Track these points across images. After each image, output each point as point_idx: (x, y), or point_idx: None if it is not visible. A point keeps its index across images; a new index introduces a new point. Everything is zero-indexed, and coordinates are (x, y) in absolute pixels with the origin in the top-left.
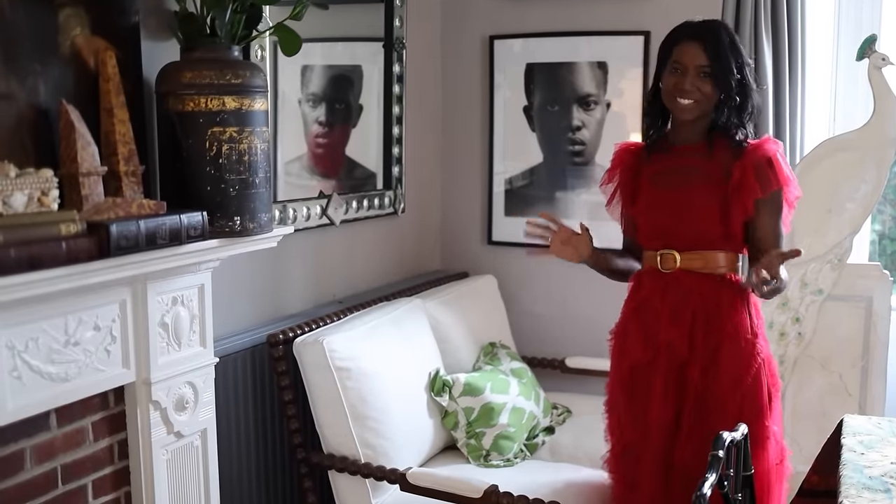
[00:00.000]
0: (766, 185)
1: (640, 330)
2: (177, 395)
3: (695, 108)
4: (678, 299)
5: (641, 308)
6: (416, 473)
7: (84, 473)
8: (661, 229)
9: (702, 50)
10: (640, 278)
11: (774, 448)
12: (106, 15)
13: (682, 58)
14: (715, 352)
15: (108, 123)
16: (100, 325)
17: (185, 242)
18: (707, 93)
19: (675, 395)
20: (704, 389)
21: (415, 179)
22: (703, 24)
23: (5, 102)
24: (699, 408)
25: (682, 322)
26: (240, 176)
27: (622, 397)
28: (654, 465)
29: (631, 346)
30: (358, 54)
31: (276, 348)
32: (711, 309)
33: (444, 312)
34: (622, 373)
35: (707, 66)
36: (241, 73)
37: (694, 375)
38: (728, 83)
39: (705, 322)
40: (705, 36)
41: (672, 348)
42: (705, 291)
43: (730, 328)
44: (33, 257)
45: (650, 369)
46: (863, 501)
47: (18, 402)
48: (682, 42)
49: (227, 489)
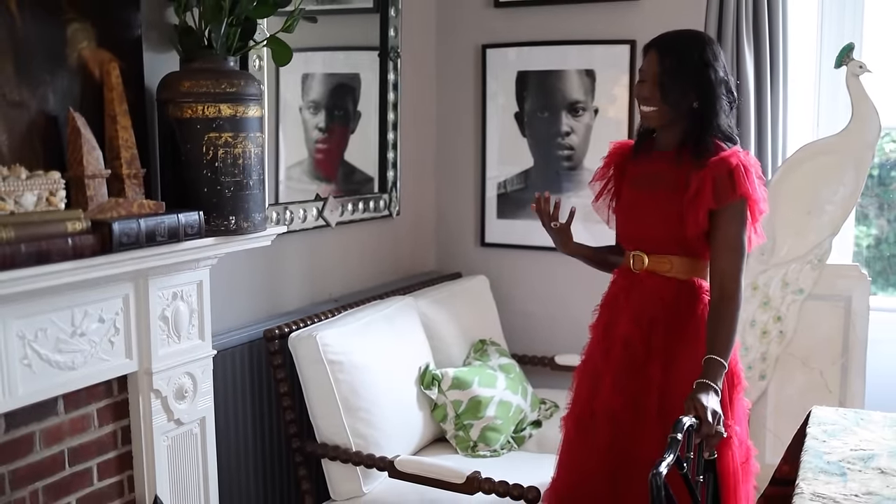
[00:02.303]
0: (722, 196)
1: (603, 321)
2: (176, 385)
3: (655, 115)
4: (641, 300)
5: (610, 302)
6: (403, 461)
7: (89, 457)
8: (631, 231)
9: (656, 57)
10: (616, 275)
11: (738, 448)
12: (111, 29)
13: (644, 65)
14: (674, 353)
15: (111, 129)
16: (104, 318)
17: (182, 240)
18: (664, 100)
19: (628, 388)
20: (666, 387)
21: (410, 183)
22: (667, 34)
23: (18, 110)
24: (662, 405)
25: (641, 322)
26: (234, 178)
27: (575, 380)
28: (598, 453)
29: (592, 337)
30: (356, 63)
31: (273, 343)
32: (672, 312)
33: (436, 310)
34: (580, 363)
35: (661, 73)
36: (235, 82)
37: (655, 373)
38: (676, 90)
39: (665, 325)
40: (663, 45)
41: (628, 344)
42: (667, 295)
43: (690, 331)
44: (42, 252)
45: (603, 360)
46: (818, 483)
47: (28, 388)
48: (646, 52)
49: (226, 476)
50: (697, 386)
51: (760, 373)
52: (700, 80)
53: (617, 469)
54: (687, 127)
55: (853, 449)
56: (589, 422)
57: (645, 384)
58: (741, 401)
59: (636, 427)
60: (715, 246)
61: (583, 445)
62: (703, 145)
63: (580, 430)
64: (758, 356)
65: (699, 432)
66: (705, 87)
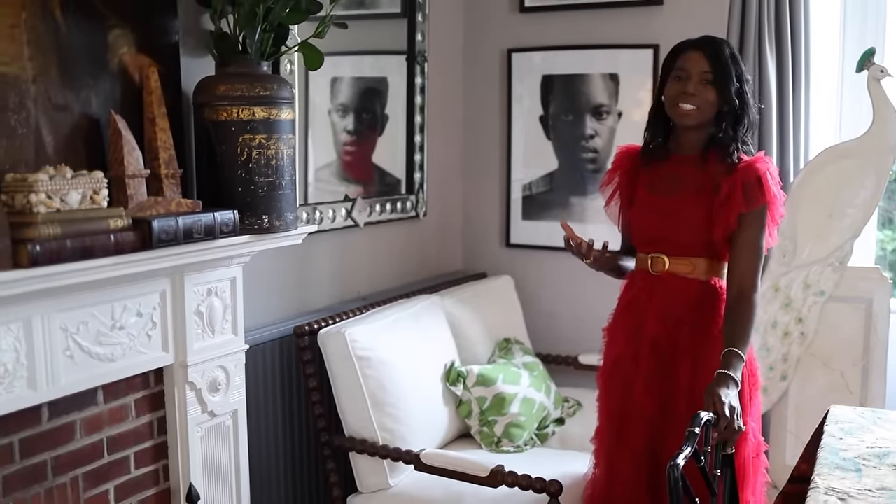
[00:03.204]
0: (752, 201)
1: (627, 325)
2: (210, 378)
3: (696, 114)
4: (665, 301)
5: (630, 305)
6: (429, 454)
7: (127, 446)
8: (653, 234)
9: (704, 57)
10: (632, 278)
11: (752, 442)
12: (150, 35)
13: (685, 64)
14: (701, 354)
15: (150, 131)
16: (142, 312)
17: (218, 237)
18: (709, 98)
19: (659, 389)
20: (695, 389)
21: (436, 184)
22: (706, 37)
23: (62, 112)
24: (690, 405)
25: (667, 322)
26: (268, 178)
27: (603, 389)
28: (633, 455)
29: (617, 340)
30: (384, 66)
31: (303, 339)
32: (697, 313)
33: (462, 309)
34: (606, 365)
35: (709, 71)
36: (269, 85)
37: (684, 375)
38: (728, 90)
39: (690, 325)
40: (708, 45)
41: (656, 345)
42: (691, 297)
43: (715, 332)
44: (86, 248)
45: (633, 363)
46: (833, 479)
47: (70, 378)
48: (685, 51)
49: (256, 468)
50: (718, 377)
51: (782, 373)
52: (739, 85)
53: (652, 470)
54: (713, 131)
55: (869, 446)
56: (624, 425)
57: (674, 386)
58: (757, 397)
59: (667, 427)
60: (736, 247)
61: (620, 448)
62: (735, 149)
63: (615, 434)
64: (779, 357)
65: (717, 427)
66: (741, 93)
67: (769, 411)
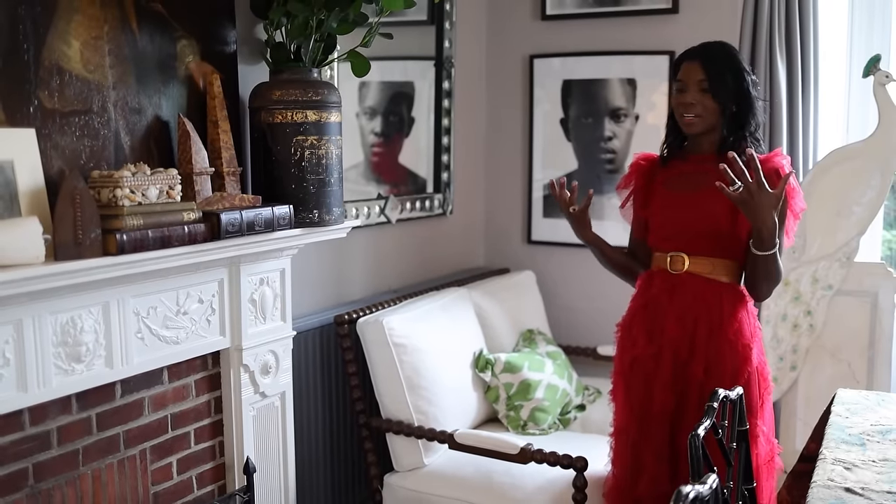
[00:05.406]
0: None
1: (646, 325)
2: (262, 361)
3: (699, 122)
4: (685, 302)
5: (650, 304)
6: (462, 434)
7: (188, 422)
8: (671, 229)
9: (700, 66)
10: (650, 277)
11: (764, 446)
12: (212, 44)
13: (683, 75)
14: (715, 354)
15: (213, 133)
16: (203, 299)
17: (276, 230)
18: (708, 106)
19: (676, 386)
20: (707, 386)
21: (462, 184)
22: (702, 45)
23: (137, 115)
24: (702, 401)
25: (686, 323)
26: (318, 176)
27: (621, 386)
28: (656, 452)
29: (635, 339)
30: (410, 71)
31: (342, 327)
32: (715, 315)
33: (488, 301)
34: (624, 364)
35: (705, 79)
36: (320, 91)
37: (698, 372)
38: (725, 94)
39: (708, 327)
40: (702, 54)
41: (675, 346)
42: (710, 297)
43: (730, 335)
44: (165, 238)
45: (654, 361)
46: (839, 452)
47: (141, 358)
48: (684, 62)
49: (301, 445)
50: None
51: (791, 364)
52: (738, 85)
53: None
54: (725, 131)
55: (873, 424)
56: (646, 422)
57: (688, 382)
58: (768, 402)
59: (681, 422)
60: None
61: (644, 444)
62: (743, 145)
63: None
64: (789, 348)
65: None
66: (743, 92)
67: (780, 400)
